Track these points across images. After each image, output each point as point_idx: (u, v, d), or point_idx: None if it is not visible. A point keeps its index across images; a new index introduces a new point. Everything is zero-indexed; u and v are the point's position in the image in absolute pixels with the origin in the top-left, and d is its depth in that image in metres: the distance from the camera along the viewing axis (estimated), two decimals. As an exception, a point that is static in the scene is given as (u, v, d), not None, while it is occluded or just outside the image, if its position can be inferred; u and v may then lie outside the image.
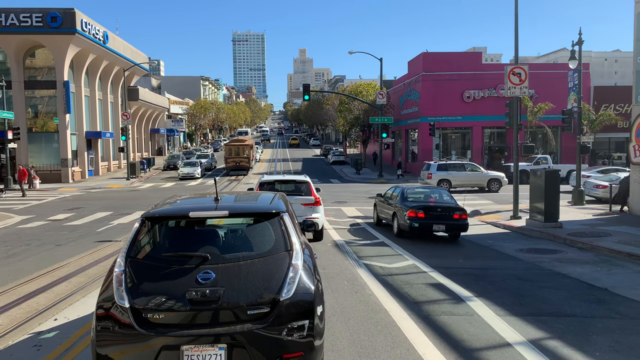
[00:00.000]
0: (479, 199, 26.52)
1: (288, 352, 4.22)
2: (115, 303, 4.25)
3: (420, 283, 9.05)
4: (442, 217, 14.40)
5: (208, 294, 4.20)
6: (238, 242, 5.19)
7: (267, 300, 4.27)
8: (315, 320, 4.36)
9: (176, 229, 5.11)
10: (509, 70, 19.10)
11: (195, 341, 4.09)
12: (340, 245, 13.22)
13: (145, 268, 4.52)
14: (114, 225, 18.29)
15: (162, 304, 4.22)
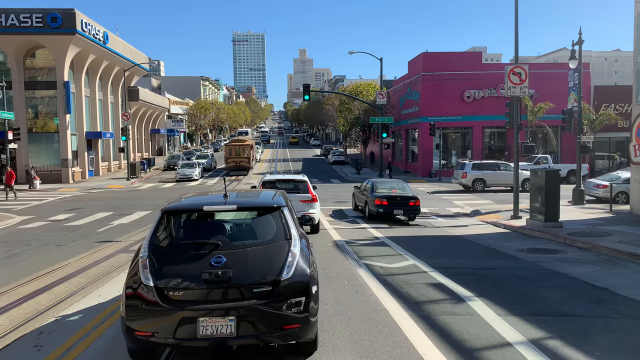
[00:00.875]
0: (479, 199, 26.52)
1: (287, 324, 4.99)
2: (141, 283, 4.97)
3: (420, 283, 9.04)
4: (401, 205, 18.72)
5: (220, 275, 4.94)
6: (244, 231, 6.03)
7: (269, 280, 5.02)
8: (310, 297, 5.15)
9: (191, 221, 5.87)
10: (509, 70, 19.10)
11: (210, 314, 4.87)
12: (341, 245, 13.22)
13: (166, 253, 5.27)
14: (114, 226, 18.30)
15: (181, 283, 4.97)
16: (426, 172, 42.03)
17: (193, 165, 41.50)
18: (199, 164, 45.13)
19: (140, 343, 5.01)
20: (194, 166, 41.35)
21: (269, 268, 5.11)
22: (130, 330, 4.98)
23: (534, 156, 36.73)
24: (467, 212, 21.97)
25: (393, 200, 18.61)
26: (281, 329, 4.99)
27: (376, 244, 13.68)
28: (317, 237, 14.59)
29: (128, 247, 13.52)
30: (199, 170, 41.26)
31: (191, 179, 39.51)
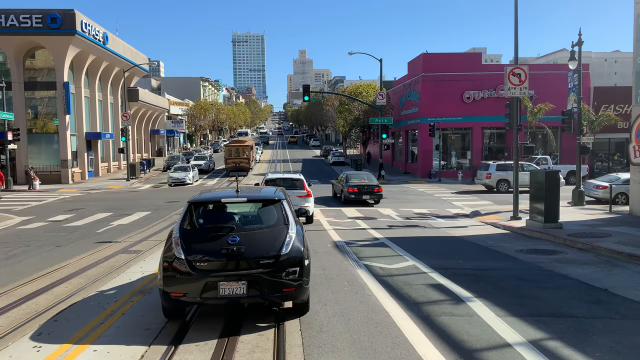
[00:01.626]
0: (479, 200, 26.52)
1: (285, 288, 6.47)
2: (175, 257, 6.45)
3: (420, 284, 9.04)
4: (368, 192, 24.74)
5: (235, 250, 6.43)
6: (253, 218, 7.76)
7: (272, 255, 6.51)
8: (303, 268, 6.65)
9: (211, 210, 7.56)
10: (508, 70, 19.10)
11: (227, 279, 6.35)
12: (340, 246, 13.21)
13: (192, 234, 6.79)
14: (114, 226, 18.28)
15: (206, 256, 6.46)
16: (426, 173, 42.05)
17: (186, 169, 39.11)
18: (196, 165, 44.61)
19: (173, 302, 6.54)
20: (188, 170, 38.92)
21: (272, 246, 6.62)
22: (166, 293, 6.46)
23: (534, 157, 36.72)
24: (466, 213, 21.97)
25: (362, 188, 24.67)
26: (281, 292, 6.50)
27: (376, 244, 13.68)
28: (316, 238, 14.60)
29: (128, 247, 13.51)
30: (193, 173, 38.95)
31: (184, 183, 37.03)
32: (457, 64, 42.24)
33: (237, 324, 6.89)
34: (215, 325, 6.84)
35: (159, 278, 6.67)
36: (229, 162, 44.80)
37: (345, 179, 25.82)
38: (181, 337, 6.44)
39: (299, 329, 6.62)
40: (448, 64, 42.06)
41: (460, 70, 41.87)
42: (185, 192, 31.98)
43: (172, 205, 24.78)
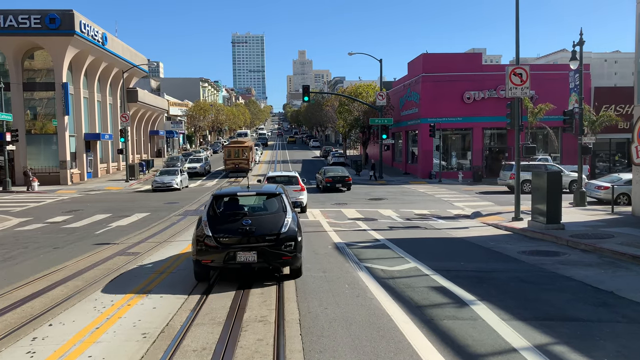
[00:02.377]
0: (480, 201, 26.38)
1: (284, 257, 8.76)
2: (205, 235, 8.76)
3: (422, 286, 8.89)
4: (340, 182, 31.29)
5: (248, 229, 8.69)
6: (260, 207, 10.23)
7: (274, 233, 8.76)
8: (297, 243, 8.89)
9: (229, 200, 9.90)
10: (510, 70, 18.96)
11: (242, 250, 8.62)
12: (341, 247, 13.06)
13: (216, 218, 9.12)
14: (112, 228, 18.13)
15: (227, 234, 8.75)
16: (426, 174, 41.89)
17: (174, 173, 35.27)
18: (191, 169, 43.41)
19: (203, 267, 8.97)
20: (175, 173, 35.07)
21: (274, 227, 8.89)
22: (198, 261, 8.89)
23: (534, 157, 36.58)
24: (467, 214, 21.82)
25: (335, 179, 31.54)
26: (281, 259, 8.88)
27: (377, 246, 13.53)
28: (316, 240, 14.46)
29: (126, 249, 13.37)
30: (181, 177, 34.92)
31: (170, 188, 32.98)
32: (458, 64, 42.10)
33: (249, 283, 9.24)
34: (231, 286, 9.11)
35: (192, 251, 9.19)
36: (229, 163, 44.37)
37: (323, 172, 33.19)
38: (208, 292, 8.78)
39: (299, 334, 6.48)
40: (448, 65, 41.92)
41: (461, 71, 41.73)
42: (184, 194, 31.83)
43: (171, 207, 24.63)
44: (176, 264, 11.17)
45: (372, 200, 26.74)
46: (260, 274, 9.70)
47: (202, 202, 26.59)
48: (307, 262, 10.86)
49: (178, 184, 33.84)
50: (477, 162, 41.96)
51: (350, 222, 18.94)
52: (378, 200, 26.71)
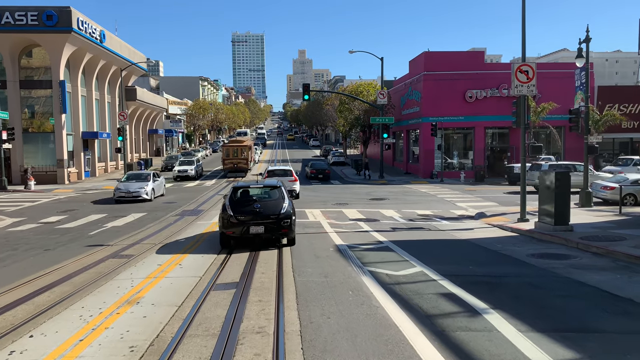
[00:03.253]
0: (483, 201, 25.87)
1: (282, 229, 12.30)
2: (228, 214, 12.36)
3: (431, 293, 8.38)
4: (321, 172, 38.99)
5: (257, 211, 12.40)
6: (265, 195, 13.49)
7: (275, 214, 12.32)
8: (291, 220, 12.50)
9: (244, 191, 13.56)
10: (515, 67, 18.42)
11: (254, 225, 12.18)
12: (343, 250, 12.56)
13: (235, 202, 12.71)
14: (107, 229, 17.63)
15: (244, 213, 12.32)
16: (428, 174, 41.37)
17: (145, 178, 27.73)
18: (181, 172, 39.83)
19: (227, 237, 12.53)
20: (146, 179, 27.63)
21: (275, 209, 12.41)
22: (223, 232, 12.45)
23: (537, 157, 36.07)
24: (471, 215, 21.31)
25: (316, 170, 39.82)
26: (280, 231, 12.32)
27: (380, 248, 13.02)
28: (318, 241, 13.96)
29: (119, 252, 12.86)
30: (153, 185, 27.40)
31: (137, 199, 26.08)
32: (459, 62, 41.57)
33: (258, 248, 12.63)
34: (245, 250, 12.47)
35: (219, 225, 12.88)
36: (227, 163, 43.07)
37: (310, 165, 42.00)
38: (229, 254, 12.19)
39: (300, 348, 5.98)
40: (450, 63, 41.39)
41: (463, 69, 41.20)
42: (183, 192, 31.31)
43: (168, 207, 24.13)
44: (170, 268, 10.67)
45: (373, 201, 26.24)
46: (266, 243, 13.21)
47: (200, 202, 26.08)
48: (308, 266, 10.38)
49: (148, 193, 26.44)
50: (479, 162, 41.42)
51: (351, 223, 18.44)
52: (380, 201, 26.21)
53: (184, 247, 13.18)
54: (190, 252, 12.49)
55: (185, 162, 43.47)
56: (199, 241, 14.27)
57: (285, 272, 9.88)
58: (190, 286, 8.95)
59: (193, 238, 14.88)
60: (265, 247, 12.70)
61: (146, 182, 27.06)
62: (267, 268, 10.43)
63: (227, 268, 10.53)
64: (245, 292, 8.42)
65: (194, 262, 11.23)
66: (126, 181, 27.35)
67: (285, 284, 8.78)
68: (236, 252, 12.27)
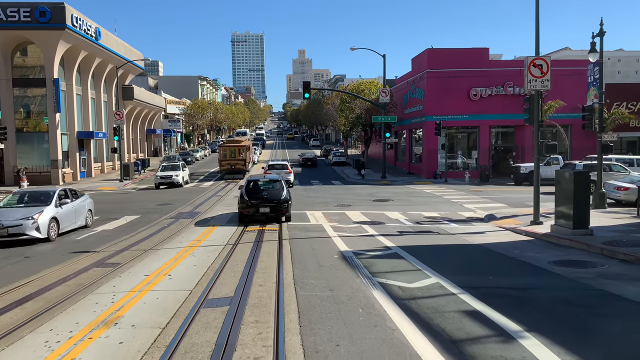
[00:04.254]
0: (491, 202, 24.84)
1: (282, 210, 17.68)
2: (245, 199, 17.81)
3: (452, 310, 7.34)
4: (310, 160, 53.12)
5: (265, 196, 17.96)
6: (270, 186, 18.85)
7: (278, 199, 17.77)
8: (288, 204, 17.95)
9: (254, 182, 19.11)
10: (529, 62, 17.45)
11: (262, 207, 17.48)
12: (348, 257, 11.53)
13: (249, 190, 18.37)
14: (96, 232, 16.62)
15: (255, 198, 17.76)
16: (431, 174, 40.32)
17: (42, 201, 16.08)
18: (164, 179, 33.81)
19: (243, 215, 17.67)
20: (45, 202, 15.93)
21: (278, 195, 17.77)
22: (241, 211, 17.71)
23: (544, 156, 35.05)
24: (480, 217, 20.29)
25: (307, 159, 52.34)
26: (281, 211, 17.48)
27: (389, 255, 11.99)
28: (320, 247, 12.95)
29: (105, 259, 11.84)
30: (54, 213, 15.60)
31: None
32: (464, 59, 40.50)
33: (265, 223, 17.10)
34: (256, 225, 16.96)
35: (238, 207, 17.93)
36: (224, 164, 40.99)
37: (302, 154, 54.86)
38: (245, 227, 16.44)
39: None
40: (454, 60, 40.35)
41: (467, 67, 40.18)
42: (178, 194, 30.29)
43: (163, 209, 23.12)
44: (158, 280, 9.64)
45: (377, 202, 25.22)
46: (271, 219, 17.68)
47: (196, 203, 25.08)
48: (311, 277, 9.36)
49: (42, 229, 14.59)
50: (483, 162, 40.41)
51: (355, 226, 17.42)
52: (383, 202, 25.19)
53: (175, 255, 12.16)
54: (182, 260, 11.48)
55: (169, 167, 36.10)
56: (193, 247, 13.26)
57: (285, 285, 8.84)
58: (179, 302, 7.91)
59: (187, 243, 13.87)
60: (270, 222, 17.66)
61: (39, 208, 15.54)
62: (266, 279, 9.39)
63: (221, 279, 9.49)
64: (240, 310, 7.38)
65: (184, 273, 10.16)
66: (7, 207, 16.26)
67: (285, 299, 7.76)
68: (232, 262, 11.27)
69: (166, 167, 36.32)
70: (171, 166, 36.14)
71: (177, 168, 35.52)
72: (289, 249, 12.62)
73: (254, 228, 16.75)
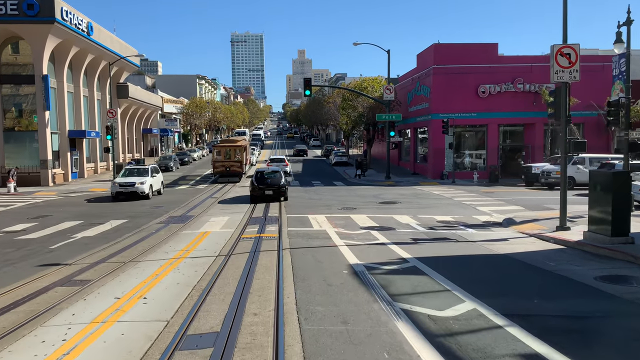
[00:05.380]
0: (506, 205, 23.11)
1: (281, 192, 24.83)
2: (254, 184, 24.94)
3: (506, 355, 5.62)
4: (301, 152, 68.51)
5: (269, 183, 25.16)
6: (272, 175, 26.03)
7: (278, 184, 25.07)
8: (286, 188, 25.51)
9: (261, 173, 26.20)
10: (556, 50, 15.74)
11: (267, 190, 24.63)
12: (360, 273, 9.79)
13: (257, 178, 25.48)
14: (75, 240, 14.91)
15: (262, 184, 24.98)
16: (437, 174, 38.60)
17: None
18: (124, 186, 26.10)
19: (254, 196, 24.73)
20: None
21: (278, 182, 25.10)
22: (252, 193, 24.82)
23: (555, 156, 33.36)
24: (498, 221, 18.58)
25: (298, 151, 68.08)
26: (280, 193, 24.71)
27: (407, 270, 10.26)
28: (326, 259, 11.24)
29: (74, 274, 10.11)
30: None
31: None
32: (471, 55, 38.76)
33: (269, 202, 23.62)
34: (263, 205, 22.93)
35: (250, 190, 24.97)
36: (218, 166, 37.50)
37: (295, 147, 67.93)
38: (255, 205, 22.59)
39: None
40: (461, 56, 38.63)
41: (475, 62, 38.48)
42: (173, 196, 28.54)
43: (153, 212, 21.42)
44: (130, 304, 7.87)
45: (383, 205, 23.51)
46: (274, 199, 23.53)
47: (191, 206, 23.38)
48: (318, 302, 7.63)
49: None
50: (492, 161, 38.68)
51: (363, 232, 15.71)
52: (390, 205, 23.47)
53: (156, 269, 10.44)
54: (163, 276, 9.75)
55: (134, 171, 28.40)
56: (179, 259, 11.53)
57: (287, 313, 7.10)
58: (149, 339, 6.17)
59: (173, 254, 12.14)
60: (273, 200, 23.87)
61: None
62: (262, 305, 7.62)
63: (207, 304, 7.71)
64: (227, 355, 5.66)
65: (164, 294, 8.39)
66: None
67: (287, 337, 6.04)
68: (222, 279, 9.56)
69: (130, 171, 28.53)
70: (137, 171, 28.45)
71: (143, 174, 27.86)
72: (290, 261, 10.90)
73: (250, 235, 15.02)
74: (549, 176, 30.62)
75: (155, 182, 28.78)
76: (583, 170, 30.04)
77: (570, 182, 29.64)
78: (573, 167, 29.86)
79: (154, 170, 29.88)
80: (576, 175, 29.98)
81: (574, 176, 29.70)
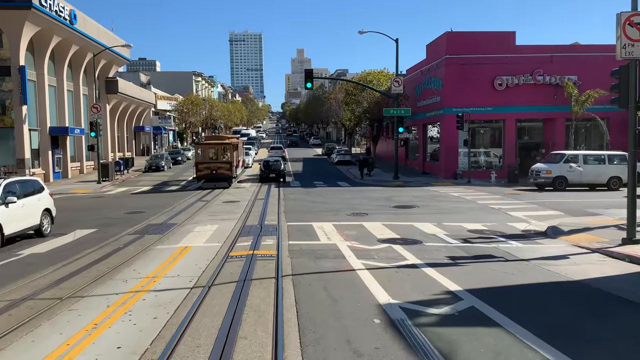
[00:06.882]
0: (541, 209, 19.92)
1: (282, 175, 34.85)
2: (262, 169, 35.21)
3: None
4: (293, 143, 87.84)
5: (273, 168, 34.90)
6: (275, 162, 36.12)
7: (279, 169, 35.02)
8: (285, 172, 36.93)
9: (267, 161, 36.45)
10: (624, 19, 12.57)
11: (271, 173, 34.40)
12: (399, 323, 6.57)
13: (265, 165, 35.45)
14: (20, 258, 11.75)
15: (268, 169, 34.75)
16: (450, 173, 35.42)
17: None
18: None
19: (262, 177, 34.59)
20: None
21: (280, 167, 35.10)
22: (261, 174, 35.03)
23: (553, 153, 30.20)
24: (541, 230, 15.41)
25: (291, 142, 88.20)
26: (280, 175, 34.54)
27: (467, 317, 7.03)
28: (342, 297, 8.05)
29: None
30: None
31: None
32: (487, 44, 35.58)
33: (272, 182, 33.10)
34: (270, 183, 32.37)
35: (259, 174, 35.87)
36: (201, 169, 31.23)
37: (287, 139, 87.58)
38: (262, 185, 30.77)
39: None
40: (476, 45, 35.45)
41: (491, 52, 35.33)
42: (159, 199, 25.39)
43: (131, 218, 18.25)
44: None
45: (399, 209, 20.32)
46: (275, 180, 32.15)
47: (176, 211, 20.21)
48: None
49: None
50: (509, 159, 35.47)
51: (384, 247, 12.52)
52: (407, 209, 20.29)
53: (98, 315, 7.21)
54: (102, 331, 6.53)
55: (15, 182, 14.50)
56: (139, 293, 8.32)
57: None
58: None
59: (134, 283, 8.96)
60: (274, 182, 32.71)
61: None
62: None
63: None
64: None
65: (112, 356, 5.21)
66: None
67: None
68: (189, 338, 6.36)
69: (9, 188, 14.03)
70: (20, 182, 14.92)
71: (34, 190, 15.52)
72: (294, 300, 7.70)
73: (241, 252, 11.81)
74: (538, 176, 27.65)
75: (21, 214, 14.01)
76: (577, 169, 26.93)
77: (563, 183, 26.93)
78: (565, 166, 26.95)
79: (41, 188, 16.15)
80: (569, 175, 26.93)
81: (566, 176, 26.97)
